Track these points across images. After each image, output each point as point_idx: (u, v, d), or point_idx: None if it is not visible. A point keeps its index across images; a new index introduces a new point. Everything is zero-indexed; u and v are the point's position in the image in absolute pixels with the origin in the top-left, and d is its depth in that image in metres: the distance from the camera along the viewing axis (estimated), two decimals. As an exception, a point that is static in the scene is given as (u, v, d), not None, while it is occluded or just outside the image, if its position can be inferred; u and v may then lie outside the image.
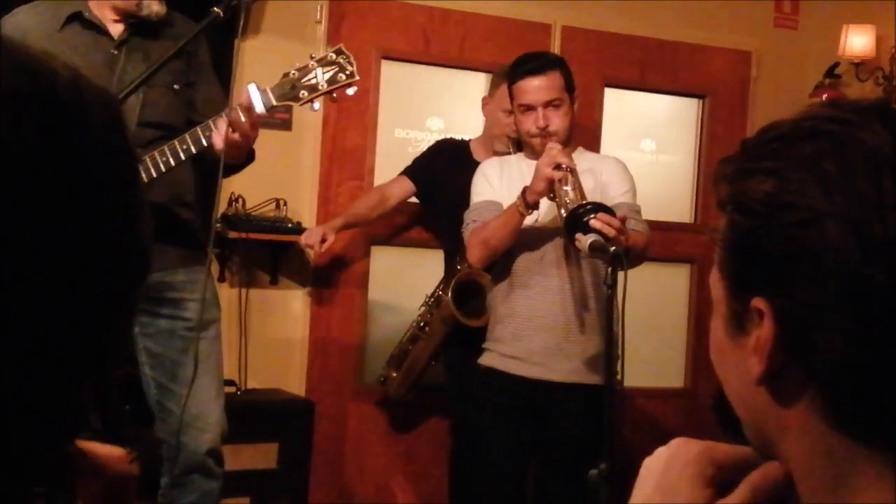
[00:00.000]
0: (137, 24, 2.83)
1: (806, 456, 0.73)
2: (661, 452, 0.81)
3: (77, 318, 0.58)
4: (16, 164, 0.55)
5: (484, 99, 4.05)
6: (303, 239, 4.11)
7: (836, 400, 0.70)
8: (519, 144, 3.82)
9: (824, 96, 4.83)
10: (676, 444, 0.81)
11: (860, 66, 4.82)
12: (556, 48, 4.75)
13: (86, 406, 0.61)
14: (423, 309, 4.13)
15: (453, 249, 3.95)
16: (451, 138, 4.31)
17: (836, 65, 4.92)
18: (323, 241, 4.03)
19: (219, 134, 2.59)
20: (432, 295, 4.05)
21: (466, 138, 4.24)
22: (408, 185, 4.13)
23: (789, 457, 0.74)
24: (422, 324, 4.05)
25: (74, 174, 0.58)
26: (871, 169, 0.68)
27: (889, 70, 4.72)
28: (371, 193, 4.23)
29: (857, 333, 0.67)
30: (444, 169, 4.06)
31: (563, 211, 2.91)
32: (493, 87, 4.00)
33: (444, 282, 4.00)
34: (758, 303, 0.72)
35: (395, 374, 4.22)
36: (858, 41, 4.77)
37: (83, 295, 0.58)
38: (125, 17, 2.83)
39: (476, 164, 3.99)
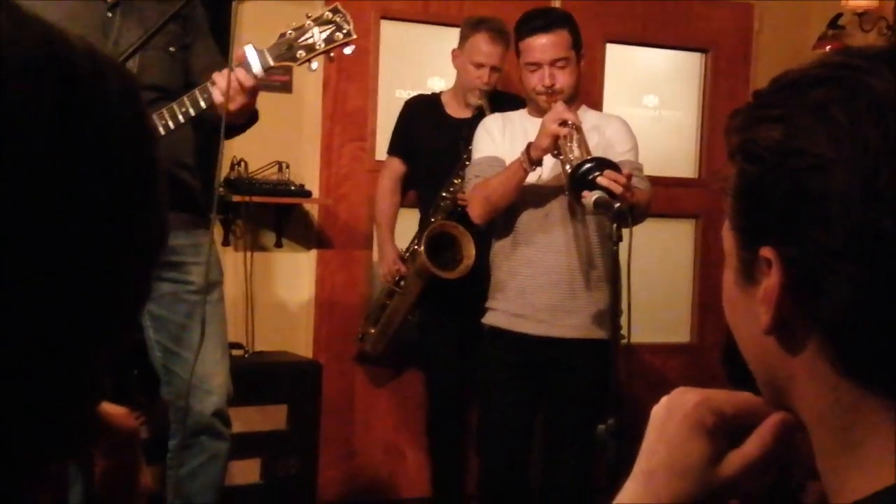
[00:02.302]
0: None
1: (815, 404, 0.73)
2: (663, 402, 0.82)
3: (96, 286, 0.58)
4: (34, 134, 0.54)
5: (454, 51, 4.01)
6: (380, 277, 4.16)
7: (843, 347, 0.70)
8: (490, 98, 3.81)
9: (828, 48, 4.79)
10: (676, 393, 0.82)
11: (864, 17, 4.78)
12: (556, 4, 4.72)
13: (104, 372, 0.61)
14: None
15: (431, 202, 3.95)
16: (420, 94, 4.28)
17: (840, 15, 4.88)
18: (398, 268, 4.04)
19: (218, 88, 2.59)
20: (408, 249, 4.05)
21: (437, 91, 4.21)
22: (397, 164, 4.11)
23: (799, 405, 0.75)
24: (397, 278, 4.05)
25: (92, 144, 0.57)
26: (879, 115, 0.67)
27: (893, 20, 4.68)
28: (384, 193, 4.11)
29: (864, 280, 0.67)
30: (417, 126, 4.05)
31: (567, 167, 2.91)
32: (463, 38, 3.96)
33: (419, 236, 3.98)
34: (766, 252, 0.72)
35: (372, 331, 4.24)
36: (861, -9, 4.72)
37: (103, 263, 0.58)
38: None
39: (448, 116, 3.99)
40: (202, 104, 2.64)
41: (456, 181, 3.82)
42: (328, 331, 4.50)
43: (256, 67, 2.63)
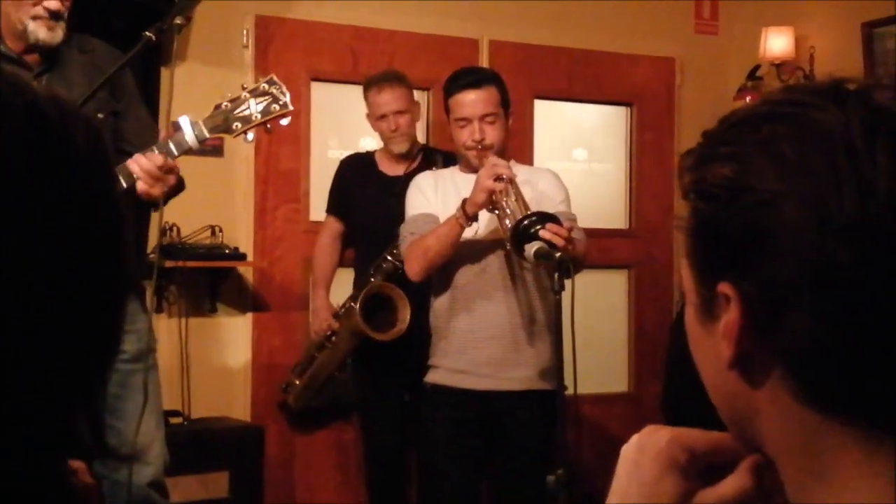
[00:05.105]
0: (51, 54, 2.78)
1: (780, 435, 0.73)
2: (634, 440, 0.82)
3: (65, 332, 0.57)
4: (11, 179, 0.55)
5: (366, 116, 4.07)
6: (312, 334, 4.16)
7: (805, 377, 0.70)
8: (425, 153, 3.89)
9: (748, 98, 4.92)
10: (647, 431, 0.81)
11: (781, 67, 4.93)
12: (484, 62, 4.79)
13: (76, 426, 0.60)
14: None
15: (366, 260, 3.94)
16: (355, 153, 4.31)
17: (758, 67, 5.03)
18: (329, 324, 4.02)
19: (135, 175, 2.58)
20: (343, 306, 4.03)
21: (371, 150, 4.24)
22: (334, 223, 4.12)
23: (765, 438, 0.75)
24: (329, 333, 4.03)
25: (59, 187, 0.58)
26: (826, 148, 0.69)
27: (809, 69, 4.84)
28: (322, 251, 4.12)
29: (822, 310, 0.68)
30: (352, 185, 4.08)
31: (507, 222, 2.93)
32: (365, 102, 4.03)
33: (355, 293, 3.96)
34: (724, 287, 0.73)
35: (297, 382, 4.19)
36: (778, 43, 4.88)
37: (71, 306, 0.57)
38: (28, 47, 2.77)
39: (381, 174, 4.02)
40: (123, 184, 2.62)
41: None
42: (266, 394, 4.44)
43: (191, 139, 2.62)
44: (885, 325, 0.67)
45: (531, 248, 2.73)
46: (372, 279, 3.87)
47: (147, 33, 2.59)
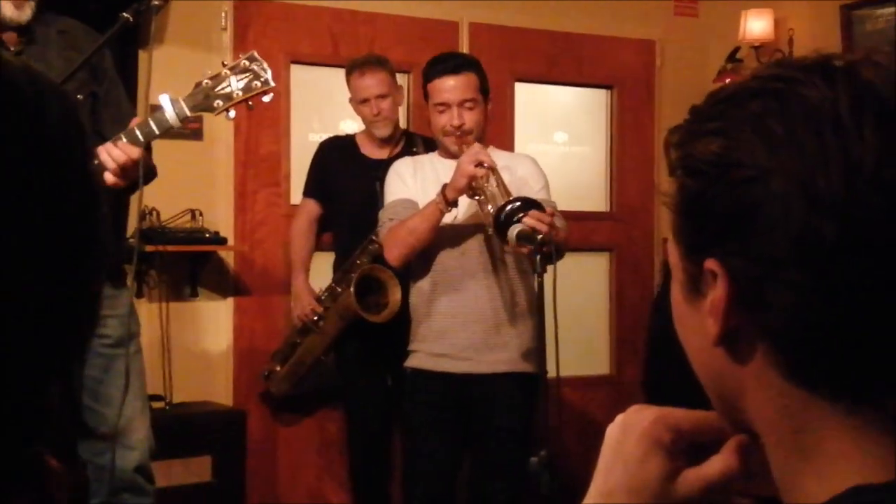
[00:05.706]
0: (28, 33, 2.75)
1: (766, 412, 0.73)
2: (619, 420, 0.82)
3: (38, 310, 0.56)
4: None
5: (349, 101, 4.05)
6: (296, 319, 4.10)
7: (790, 354, 0.71)
8: (407, 137, 3.88)
9: (727, 80, 4.93)
10: (632, 411, 0.81)
11: (760, 50, 4.94)
12: (464, 45, 4.78)
13: (50, 407, 0.60)
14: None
15: (348, 244, 3.93)
16: (335, 136, 4.30)
17: (737, 49, 5.04)
18: (314, 308, 3.98)
19: (108, 171, 2.55)
20: (327, 289, 4.02)
21: (351, 133, 4.22)
22: (312, 206, 4.10)
23: (751, 415, 0.75)
24: (315, 317, 4.01)
25: (33, 161, 0.57)
26: (814, 124, 0.69)
27: (788, 51, 4.85)
28: (299, 234, 4.10)
29: (808, 287, 0.68)
30: (332, 167, 4.06)
31: (490, 207, 2.93)
32: (348, 86, 4.01)
33: (342, 277, 3.95)
34: (710, 264, 0.73)
35: (279, 369, 4.17)
36: (757, 25, 4.89)
37: (44, 285, 0.57)
38: (2, 26, 2.74)
39: (364, 157, 4.01)
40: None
41: None
42: (248, 379, 4.43)
43: (172, 117, 2.59)
44: (869, 302, 0.67)
45: (513, 231, 2.74)
46: (358, 261, 3.86)
47: (124, 14, 2.56)
